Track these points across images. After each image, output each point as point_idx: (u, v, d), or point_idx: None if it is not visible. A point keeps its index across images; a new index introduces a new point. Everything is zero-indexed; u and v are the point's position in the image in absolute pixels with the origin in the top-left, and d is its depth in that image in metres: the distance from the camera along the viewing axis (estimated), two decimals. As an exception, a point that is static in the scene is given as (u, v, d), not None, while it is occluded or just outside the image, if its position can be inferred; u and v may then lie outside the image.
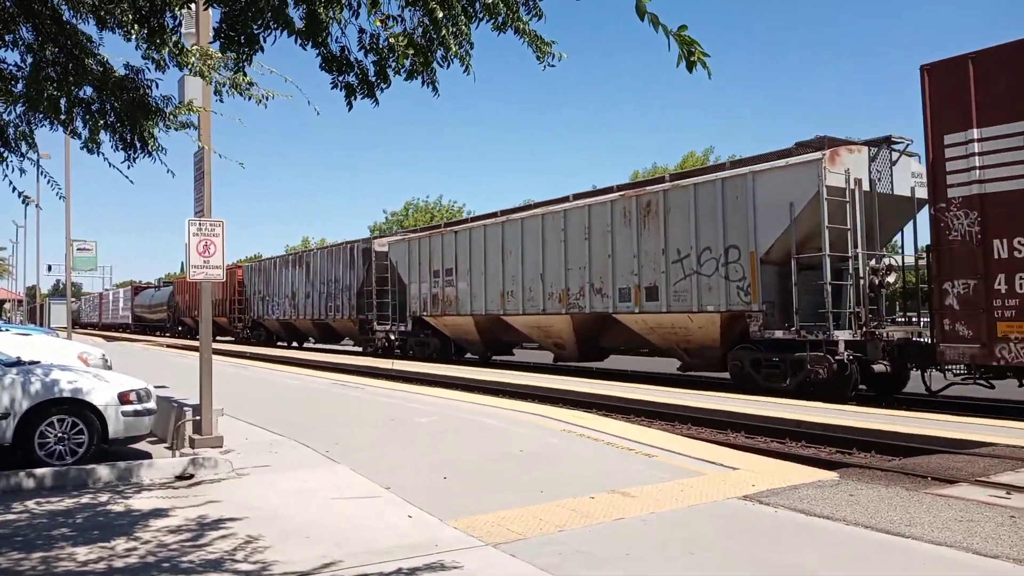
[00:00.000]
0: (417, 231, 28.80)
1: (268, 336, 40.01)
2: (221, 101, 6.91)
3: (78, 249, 35.37)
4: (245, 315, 41.44)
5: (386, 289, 27.54)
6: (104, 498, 6.63)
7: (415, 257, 25.53)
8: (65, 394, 7.80)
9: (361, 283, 28.98)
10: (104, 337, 52.45)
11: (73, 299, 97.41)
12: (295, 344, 38.85)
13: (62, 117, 5.99)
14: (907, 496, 6.45)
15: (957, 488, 7.00)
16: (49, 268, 59.25)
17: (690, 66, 3.41)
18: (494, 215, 22.97)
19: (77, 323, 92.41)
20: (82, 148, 6.31)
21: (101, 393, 7.95)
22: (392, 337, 27.34)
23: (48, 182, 7.24)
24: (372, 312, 28.04)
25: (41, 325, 45.88)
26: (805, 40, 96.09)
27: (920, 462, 8.57)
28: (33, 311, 71.00)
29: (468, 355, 25.48)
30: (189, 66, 5.85)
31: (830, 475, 7.38)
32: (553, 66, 4.20)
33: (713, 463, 7.77)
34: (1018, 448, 8.48)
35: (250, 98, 6.38)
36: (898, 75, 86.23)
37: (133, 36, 5.37)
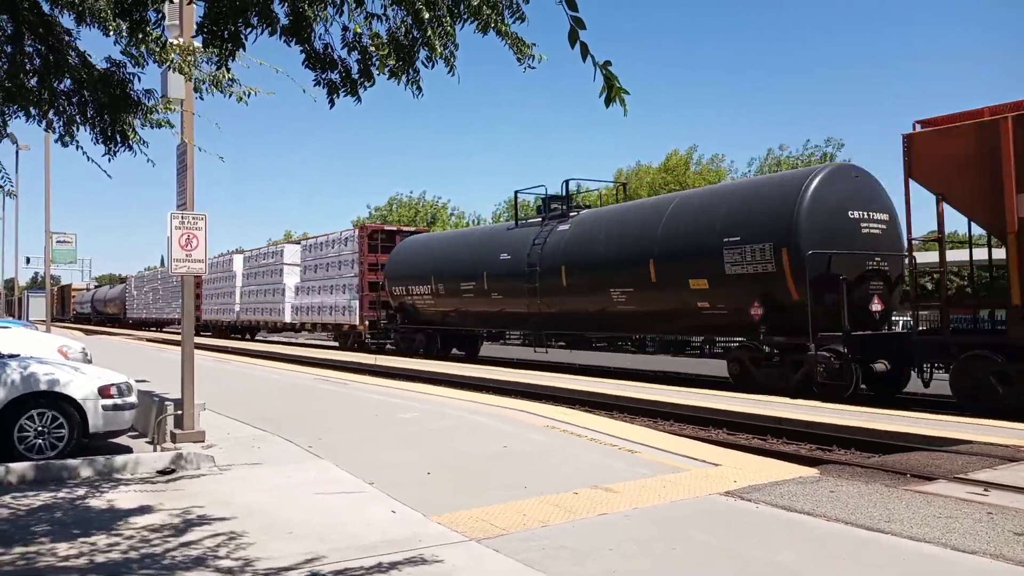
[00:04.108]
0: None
1: None
2: (201, 98, 6.87)
3: (57, 241, 34.94)
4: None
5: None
6: (85, 493, 6.58)
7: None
8: (44, 388, 7.73)
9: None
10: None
11: (110, 284, 75.59)
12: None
13: (44, 109, 5.92)
14: (887, 493, 6.52)
15: (936, 485, 7.08)
16: (28, 261, 58.43)
17: (608, 100, 3.50)
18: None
19: (118, 320, 61.07)
20: (56, 141, 6.26)
21: (81, 387, 7.88)
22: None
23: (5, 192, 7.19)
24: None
25: (19, 318, 45.32)
26: (787, 42, 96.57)
27: (899, 459, 8.66)
28: (11, 304, 64.94)
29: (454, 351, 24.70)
30: (169, 62, 5.82)
31: (811, 472, 7.44)
32: (533, 67, 4.23)
33: (695, 459, 7.82)
34: (995, 446, 8.59)
35: (231, 95, 6.35)
36: (885, 75, 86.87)
37: (111, 31, 5.32)
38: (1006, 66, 73.96)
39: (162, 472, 7.31)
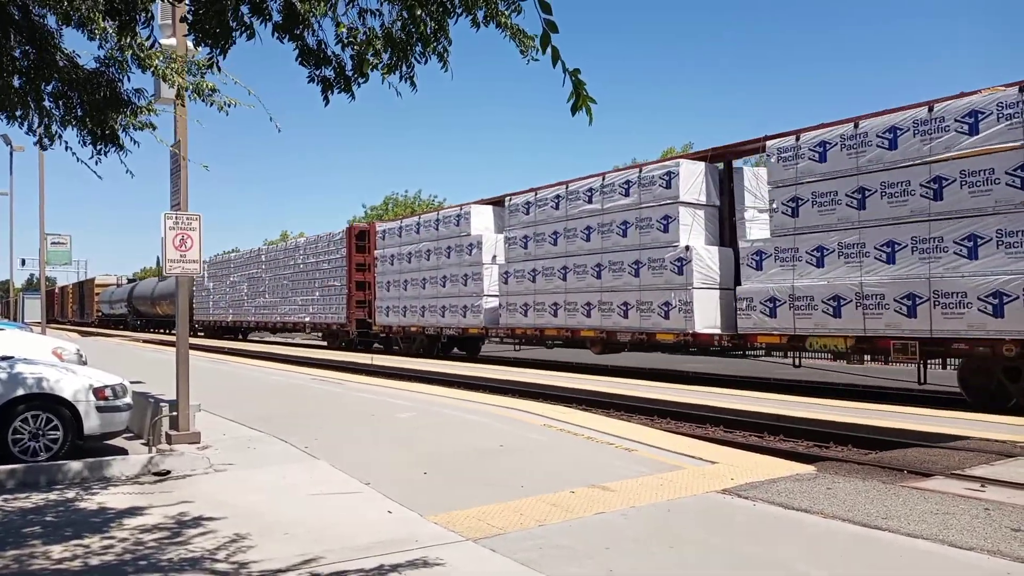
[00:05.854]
0: None
1: None
2: (183, 105, 6.80)
3: (52, 243, 34.82)
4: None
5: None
6: (78, 495, 6.54)
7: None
8: (39, 389, 7.68)
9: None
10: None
11: (158, 276, 50.25)
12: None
13: (27, 111, 5.87)
14: (884, 489, 6.51)
15: (933, 481, 7.08)
16: (23, 262, 58.06)
17: (575, 108, 3.48)
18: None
19: (172, 324, 37.97)
20: (35, 144, 6.22)
21: (76, 388, 7.84)
22: None
23: None
24: None
25: (15, 320, 45.15)
26: (781, 36, 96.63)
27: (896, 455, 8.66)
28: (7, 306, 63.07)
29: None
30: (152, 68, 5.78)
31: (808, 468, 7.44)
32: (536, 60, 4.18)
33: (692, 457, 7.81)
34: (992, 441, 8.60)
35: (212, 104, 6.31)
36: (877, 68, 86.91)
37: (97, 35, 5.28)
38: (999, 58, 74.06)
39: (157, 473, 7.28)
